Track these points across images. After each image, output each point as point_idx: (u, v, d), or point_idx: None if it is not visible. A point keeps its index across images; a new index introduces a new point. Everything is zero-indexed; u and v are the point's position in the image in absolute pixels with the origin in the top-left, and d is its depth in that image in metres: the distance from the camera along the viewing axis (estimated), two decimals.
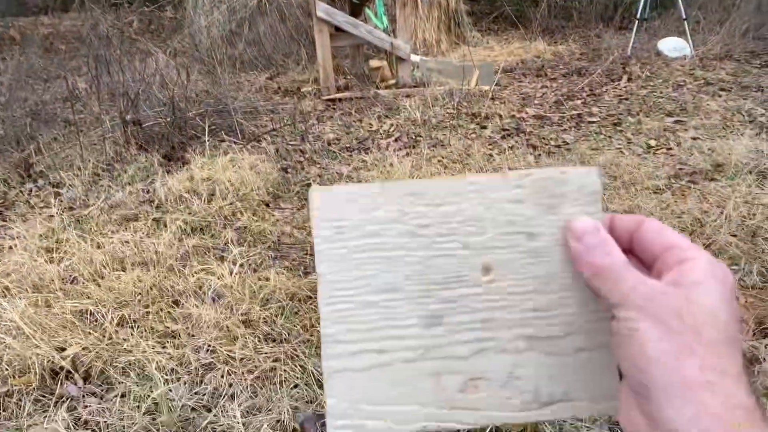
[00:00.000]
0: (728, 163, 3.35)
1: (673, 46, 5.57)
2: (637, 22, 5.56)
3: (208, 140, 3.98)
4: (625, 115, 4.30)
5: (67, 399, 1.90)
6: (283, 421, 1.80)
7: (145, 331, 2.21)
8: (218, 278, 2.50)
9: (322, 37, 5.25)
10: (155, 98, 4.48)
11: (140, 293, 2.40)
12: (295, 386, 1.93)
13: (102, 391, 1.95)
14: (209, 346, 2.11)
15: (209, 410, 1.85)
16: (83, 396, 1.92)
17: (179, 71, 4.71)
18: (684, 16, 5.59)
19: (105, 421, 1.81)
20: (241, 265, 2.60)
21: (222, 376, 1.97)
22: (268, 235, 2.92)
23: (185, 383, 1.95)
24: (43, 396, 1.93)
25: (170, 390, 1.91)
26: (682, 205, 2.94)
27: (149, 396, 1.88)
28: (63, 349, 2.09)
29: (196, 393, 1.91)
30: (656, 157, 3.59)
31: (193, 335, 2.18)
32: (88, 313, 2.28)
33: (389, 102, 4.96)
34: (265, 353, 2.07)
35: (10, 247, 2.82)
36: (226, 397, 1.89)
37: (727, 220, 2.76)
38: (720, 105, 4.22)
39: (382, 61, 5.61)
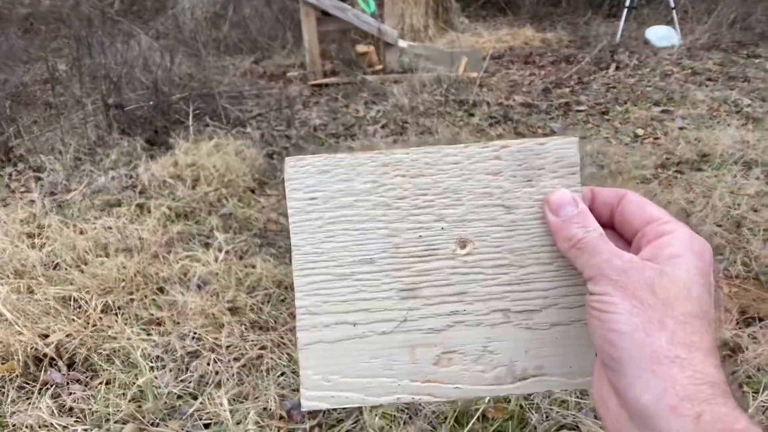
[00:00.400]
0: (714, 153, 3.36)
1: (661, 34, 5.57)
2: (626, 10, 5.56)
3: (192, 125, 3.93)
4: (612, 103, 4.30)
5: (51, 386, 1.87)
6: (270, 409, 1.78)
7: (130, 318, 2.18)
8: (203, 265, 2.47)
9: (308, 21, 5.19)
10: (138, 81, 4.41)
11: (124, 280, 2.37)
12: (282, 374, 1.92)
13: (86, 378, 1.93)
14: (195, 333, 2.08)
15: (195, 398, 1.84)
16: (67, 383, 1.90)
17: (163, 54, 4.63)
18: (672, 5, 5.59)
19: (90, 408, 1.78)
20: (227, 252, 2.57)
21: (208, 364, 1.95)
22: (254, 222, 2.89)
23: (171, 370, 1.93)
24: (27, 383, 1.90)
25: (156, 377, 1.89)
26: (669, 194, 2.95)
27: (134, 383, 1.86)
28: (46, 336, 2.06)
29: (182, 380, 1.89)
30: (643, 147, 3.60)
31: (178, 322, 2.15)
32: (72, 299, 2.25)
33: (376, 88, 4.93)
34: (252, 341, 2.05)
35: None
36: (212, 384, 1.88)
37: (713, 210, 2.77)
38: (707, 95, 4.24)
39: (369, 47, 5.56)
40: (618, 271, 0.40)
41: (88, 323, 2.13)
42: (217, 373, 1.92)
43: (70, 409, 1.80)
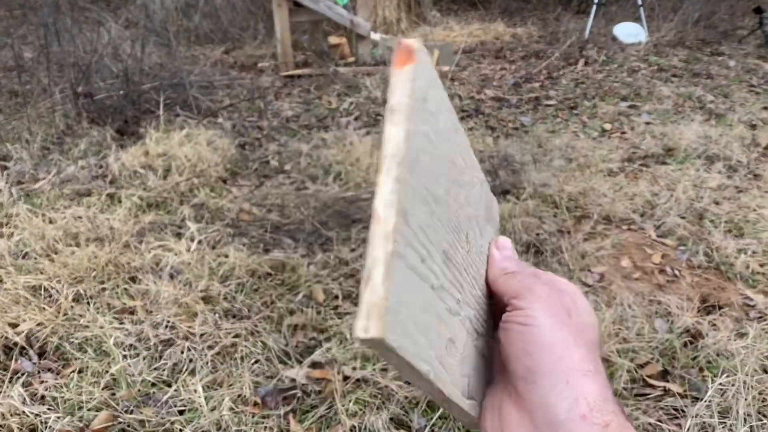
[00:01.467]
0: (678, 147, 3.45)
1: (628, 31, 5.68)
2: (594, 6, 5.65)
3: (162, 115, 3.90)
4: (581, 98, 4.38)
5: (22, 374, 1.86)
6: (245, 396, 1.80)
7: (102, 307, 2.17)
8: (176, 255, 2.46)
9: (280, 12, 5.17)
10: (107, 70, 4.35)
11: (95, 269, 2.35)
12: (256, 362, 1.93)
13: (58, 366, 1.92)
14: (168, 322, 2.08)
15: (169, 385, 1.84)
16: (39, 372, 1.88)
17: (133, 43, 4.57)
18: (640, 3, 5.69)
19: (62, 396, 1.78)
20: (199, 242, 2.57)
21: (182, 352, 1.95)
22: (226, 212, 2.89)
23: (144, 359, 1.93)
24: None
25: (129, 365, 1.89)
26: (635, 187, 3.03)
27: (107, 371, 1.86)
28: (16, 325, 2.04)
29: (155, 368, 1.90)
30: (610, 141, 3.68)
31: (151, 311, 2.15)
32: (42, 288, 2.23)
33: (349, 80, 4.93)
34: (226, 329, 2.06)
35: None
36: (186, 372, 1.88)
37: (677, 203, 2.85)
38: (672, 91, 4.34)
39: (341, 39, 5.56)
40: (545, 293, 0.44)
41: (59, 312, 2.12)
42: (191, 360, 1.92)
43: (42, 397, 1.79)
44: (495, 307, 0.49)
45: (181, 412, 1.76)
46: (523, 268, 0.48)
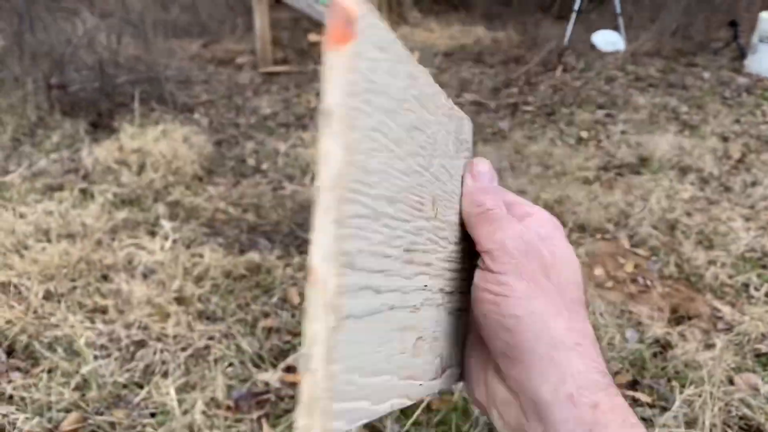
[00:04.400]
0: (653, 157, 3.50)
1: (607, 39, 5.74)
2: (574, 13, 5.70)
3: (138, 109, 3.84)
4: (559, 105, 4.42)
5: None
6: (218, 399, 1.78)
7: (73, 305, 2.14)
8: (149, 253, 2.43)
9: (260, 7, 5.13)
10: (81, 62, 4.27)
11: (66, 266, 2.32)
12: (230, 365, 1.92)
13: (27, 365, 1.89)
14: (141, 322, 2.06)
15: (141, 387, 1.82)
16: (6, 370, 1.85)
17: (109, 34, 4.50)
18: (618, 11, 5.76)
19: (31, 396, 1.75)
20: (174, 241, 2.54)
21: (154, 353, 1.93)
22: (201, 211, 2.86)
23: (116, 359, 1.91)
24: None
25: (100, 366, 1.86)
26: (610, 197, 3.06)
27: (78, 372, 1.83)
28: None
29: (127, 370, 1.87)
30: (587, 149, 3.72)
31: (123, 311, 2.12)
32: (11, 285, 2.19)
33: None
34: (199, 331, 2.04)
35: None
36: (158, 374, 1.86)
37: (650, 213, 2.90)
38: (648, 101, 4.40)
39: (321, 36, 5.53)
40: (520, 252, 0.38)
41: (29, 310, 2.08)
42: (163, 362, 1.90)
43: (10, 397, 1.76)
44: (472, 245, 0.42)
45: (152, 415, 1.74)
46: (498, 202, 0.42)
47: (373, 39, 0.29)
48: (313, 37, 5.59)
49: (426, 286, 0.38)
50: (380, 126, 0.30)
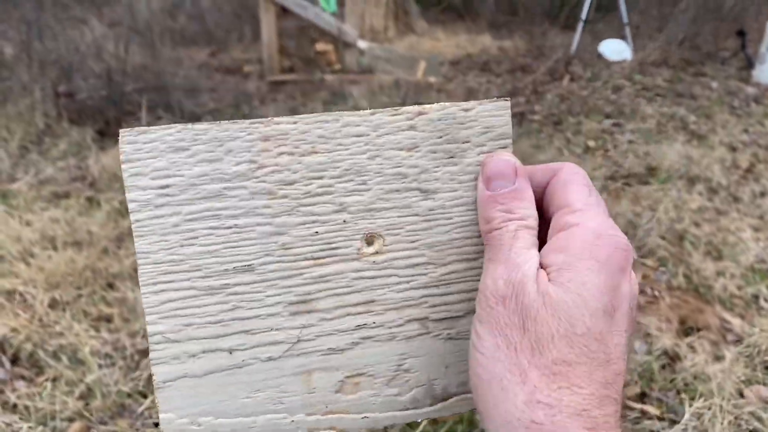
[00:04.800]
0: (661, 167, 3.48)
1: (614, 48, 5.73)
2: (581, 23, 5.70)
3: (145, 117, 3.86)
4: (565, 114, 4.41)
5: None
6: None
7: (78, 313, 2.13)
8: None
9: (267, 17, 5.15)
10: (89, 70, 4.30)
11: (72, 274, 2.31)
12: None
13: (32, 374, 1.88)
14: (146, 331, 2.05)
15: (145, 396, 1.81)
16: (11, 379, 1.84)
17: (117, 43, 4.52)
18: (625, 21, 5.76)
19: (35, 405, 1.74)
20: None
21: None
22: None
23: (120, 368, 1.90)
24: None
25: (105, 375, 1.86)
26: (617, 206, 3.05)
27: (82, 380, 1.82)
28: None
29: (132, 379, 1.86)
30: (594, 158, 3.70)
31: (128, 320, 2.12)
32: (17, 293, 2.18)
33: (335, 88, 4.92)
34: None
35: None
36: None
37: (658, 223, 2.88)
38: (656, 110, 4.39)
39: (328, 45, 5.55)
40: (498, 296, 0.32)
41: (34, 318, 2.08)
42: None
43: (14, 405, 1.75)
44: None
45: (156, 425, 1.72)
46: (509, 217, 0.35)
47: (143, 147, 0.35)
48: (319, 46, 5.61)
49: (354, 326, 0.38)
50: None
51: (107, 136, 3.76)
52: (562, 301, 0.31)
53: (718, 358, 2.05)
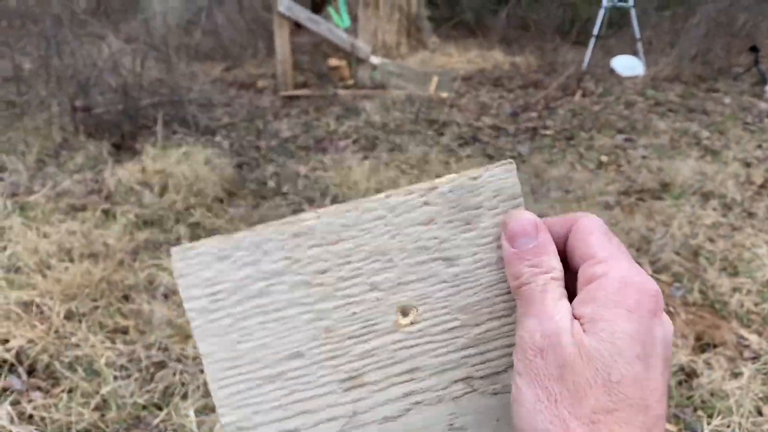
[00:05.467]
0: (674, 183, 3.47)
1: (626, 64, 5.74)
2: (593, 38, 5.72)
3: (160, 131, 3.90)
4: (578, 129, 4.41)
5: (11, 392, 1.83)
6: None
7: (94, 325, 2.15)
8: (170, 274, 2.44)
9: (281, 32, 5.20)
10: (106, 84, 4.35)
11: (88, 286, 2.33)
12: None
13: (48, 385, 1.89)
14: (161, 343, 2.06)
15: (160, 408, 1.82)
16: (27, 390, 1.85)
17: (133, 58, 4.58)
18: (638, 36, 5.77)
19: (51, 417, 1.75)
20: None
21: (174, 375, 1.93)
22: (222, 233, 2.87)
23: (136, 380, 1.91)
24: None
25: (120, 387, 1.87)
26: (631, 222, 3.04)
27: (98, 392, 1.83)
28: (6, 341, 2.01)
29: (147, 391, 1.87)
30: (607, 173, 3.70)
31: (144, 332, 2.13)
32: (34, 304, 2.20)
33: (348, 103, 4.96)
34: None
35: None
36: (178, 395, 1.86)
37: (672, 239, 2.86)
38: (669, 126, 4.38)
39: (341, 61, 5.60)
40: (536, 349, 0.33)
41: (51, 329, 2.09)
42: (183, 384, 1.90)
43: (30, 416, 1.76)
44: None
45: None
46: (536, 272, 0.36)
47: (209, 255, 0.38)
48: (333, 61, 5.65)
49: (402, 394, 0.40)
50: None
51: (123, 149, 3.80)
52: (596, 350, 0.32)
53: (736, 375, 2.03)
